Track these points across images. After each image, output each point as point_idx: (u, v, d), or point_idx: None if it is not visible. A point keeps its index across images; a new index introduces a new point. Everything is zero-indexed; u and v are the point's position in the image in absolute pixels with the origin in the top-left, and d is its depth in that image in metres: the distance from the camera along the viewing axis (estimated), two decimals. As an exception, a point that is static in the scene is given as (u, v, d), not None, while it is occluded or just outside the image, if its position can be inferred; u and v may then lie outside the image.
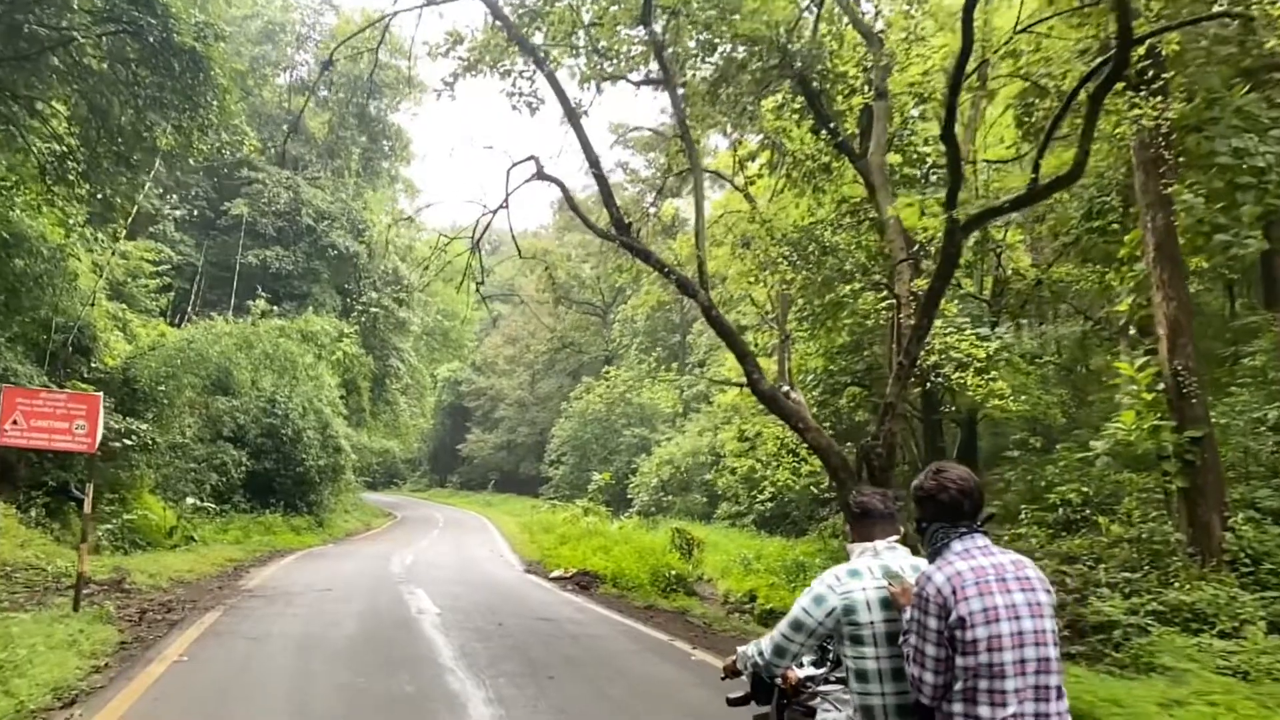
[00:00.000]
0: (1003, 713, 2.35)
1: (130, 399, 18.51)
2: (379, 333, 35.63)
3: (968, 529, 2.56)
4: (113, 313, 18.90)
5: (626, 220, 13.62)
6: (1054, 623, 2.48)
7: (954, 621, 2.40)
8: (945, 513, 2.59)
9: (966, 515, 2.57)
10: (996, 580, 2.44)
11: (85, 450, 8.72)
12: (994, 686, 2.37)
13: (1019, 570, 2.49)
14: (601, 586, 15.24)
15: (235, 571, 14.37)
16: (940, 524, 2.60)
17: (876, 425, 12.22)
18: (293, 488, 24.85)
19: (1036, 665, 2.39)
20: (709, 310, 13.23)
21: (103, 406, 8.87)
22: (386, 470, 66.89)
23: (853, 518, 3.02)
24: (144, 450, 17.15)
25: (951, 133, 10.35)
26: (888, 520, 2.92)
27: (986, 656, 2.37)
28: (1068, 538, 13.35)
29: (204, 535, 18.39)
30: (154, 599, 10.27)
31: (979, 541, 2.55)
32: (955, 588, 2.43)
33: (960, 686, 2.41)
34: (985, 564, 2.48)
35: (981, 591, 2.42)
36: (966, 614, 2.39)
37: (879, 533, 2.89)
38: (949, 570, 2.48)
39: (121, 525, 15.59)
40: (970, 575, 2.45)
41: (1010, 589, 2.44)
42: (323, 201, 33.04)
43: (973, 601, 2.40)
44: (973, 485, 2.61)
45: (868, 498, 2.99)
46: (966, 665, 2.39)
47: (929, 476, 2.65)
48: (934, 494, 2.61)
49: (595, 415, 46.68)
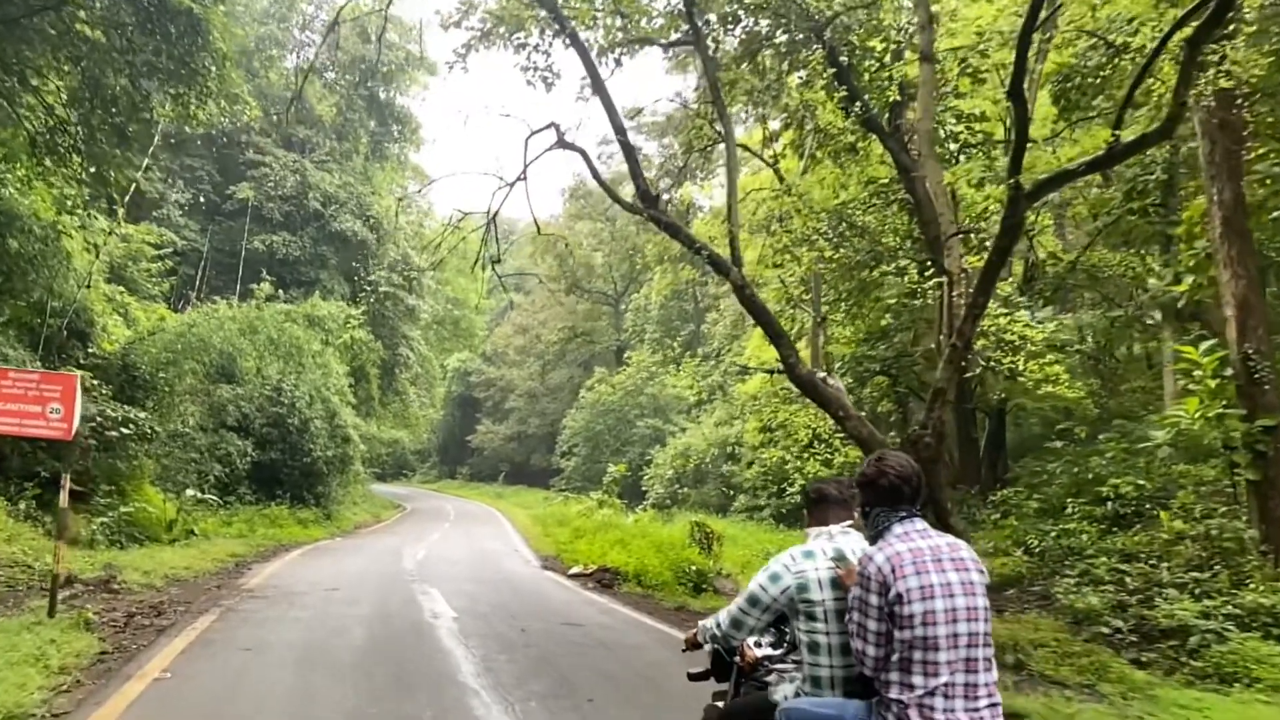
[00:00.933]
0: (935, 682, 2.54)
1: (130, 386, 17.71)
2: (388, 321, 34.79)
3: (907, 513, 2.74)
4: (110, 295, 18.04)
5: (654, 193, 12.67)
6: (986, 600, 2.64)
7: (893, 598, 2.58)
8: (885, 498, 2.76)
9: (906, 500, 2.74)
10: (933, 560, 2.62)
11: (61, 437, 7.83)
12: (928, 658, 2.55)
13: (954, 552, 2.67)
14: (624, 584, 14.34)
15: (236, 568, 13.52)
16: (881, 508, 2.77)
17: (925, 412, 11.29)
18: (299, 479, 24.03)
19: (968, 639, 2.57)
20: (742, 289, 12.34)
21: (80, 387, 7.96)
22: (396, 461, 66.28)
23: (810, 504, 3.19)
24: (143, 439, 16.31)
25: (1020, 89, 9.38)
26: (842, 506, 3.09)
27: (922, 630, 2.55)
28: (1120, 533, 12.40)
29: (206, 529, 17.57)
30: (144, 600, 9.41)
31: (918, 525, 2.72)
32: (894, 567, 2.60)
33: (898, 658, 2.59)
34: (923, 545, 2.66)
35: (918, 570, 2.60)
36: (904, 591, 2.57)
37: (833, 517, 3.08)
38: (889, 551, 2.65)
39: (118, 518, 14.75)
40: (908, 555, 2.62)
41: (945, 568, 2.62)
42: (330, 185, 32.16)
43: (910, 579, 2.58)
44: (911, 473, 2.77)
45: (824, 485, 3.20)
46: (903, 638, 2.57)
47: (870, 464, 2.84)
48: (875, 480, 2.78)
49: (608, 406, 45.90)
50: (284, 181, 30.96)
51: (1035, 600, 11.34)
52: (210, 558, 13.85)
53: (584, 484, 42.71)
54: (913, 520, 2.74)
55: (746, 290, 12.42)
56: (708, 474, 36.58)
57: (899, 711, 2.59)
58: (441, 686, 5.95)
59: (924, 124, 13.22)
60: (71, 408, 7.54)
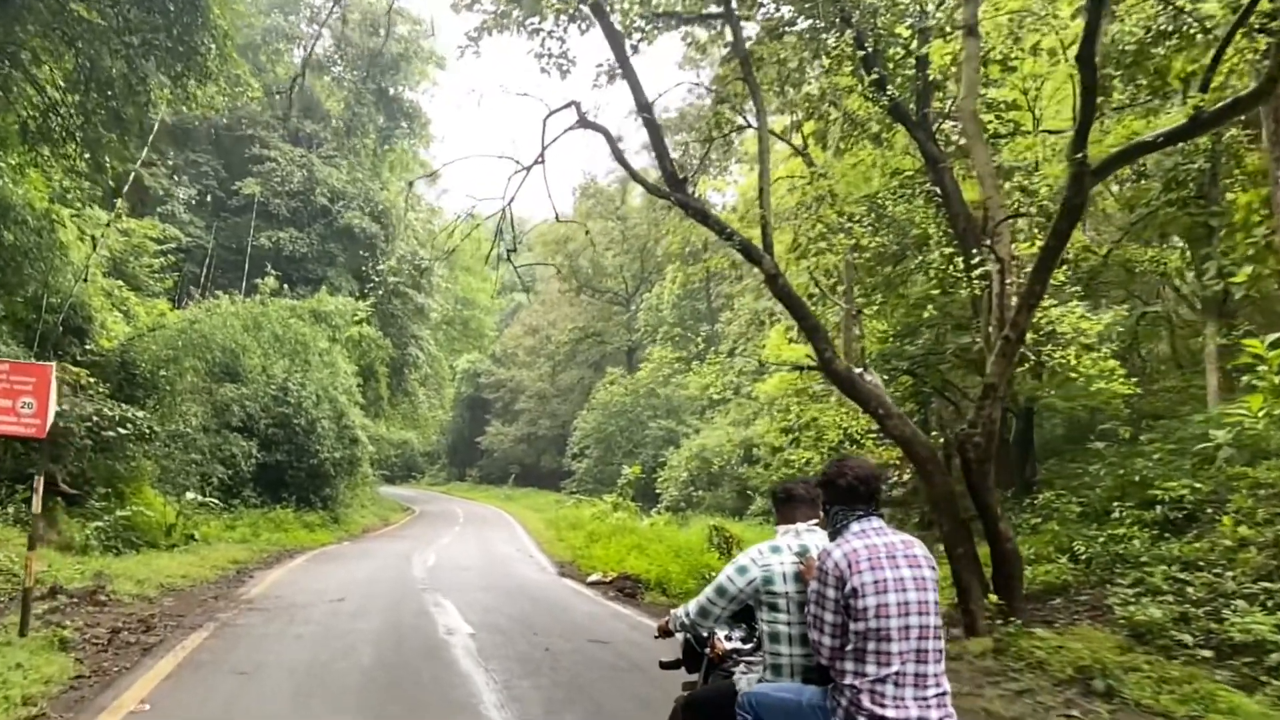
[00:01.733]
0: (887, 670, 2.71)
1: (129, 384, 17.00)
2: (397, 320, 34.10)
3: (864, 512, 2.93)
4: (109, 290, 17.31)
5: (680, 175, 11.86)
6: (936, 595, 2.82)
7: (848, 591, 2.77)
8: (843, 497, 2.95)
9: (862, 500, 2.94)
10: (887, 557, 2.81)
11: (34, 435, 7.05)
12: (881, 648, 2.73)
13: (908, 549, 2.86)
14: (647, 594, 13.52)
15: (237, 576, 12.75)
16: (840, 507, 2.96)
17: (974, 411, 10.52)
18: (306, 481, 23.29)
19: (919, 631, 2.74)
20: (775, 278, 11.54)
21: (55, 379, 7.18)
22: (405, 463, 65.64)
23: (778, 503, 3.40)
24: (141, 440, 15.57)
25: (1091, 53, 8.56)
26: (809, 505, 3.27)
27: (875, 622, 2.73)
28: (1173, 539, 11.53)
29: (208, 533, 16.83)
30: (133, 614, 8.64)
31: (874, 523, 2.92)
32: (850, 562, 2.80)
33: (852, 648, 2.77)
34: (878, 543, 2.85)
35: (873, 566, 2.78)
36: (859, 585, 2.76)
37: (800, 516, 3.27)
38: (846, 548, 2.84)
39: (115, 523, 14.01)
40: (864, 552, 2.81)
41: (899, 565, 2.80)
42: (338, 181, 31.47)
43: (865, 574, 2.77)
44: (867, 474, 2.97)
45: (792, 485, 3.40)
46: (858, 629, 2.75)
47: (831, 465, 3.06)
48: (834, 479, 2.98)
49: (620, 407, 45.11)
50: (291, 176, 30.28)
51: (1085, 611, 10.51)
52: (210, 564, 13.09)
53: (595, 486, 41.96)
54: (869, 519, 2.91)
55: (780, 280, 11.63)
56: (723, 476, 35.79)
57: (852, 696, 2.73)
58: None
59: (968, 102, 12.39)
60: (46, 402, 6.77)
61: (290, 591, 11.11)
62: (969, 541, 10.22)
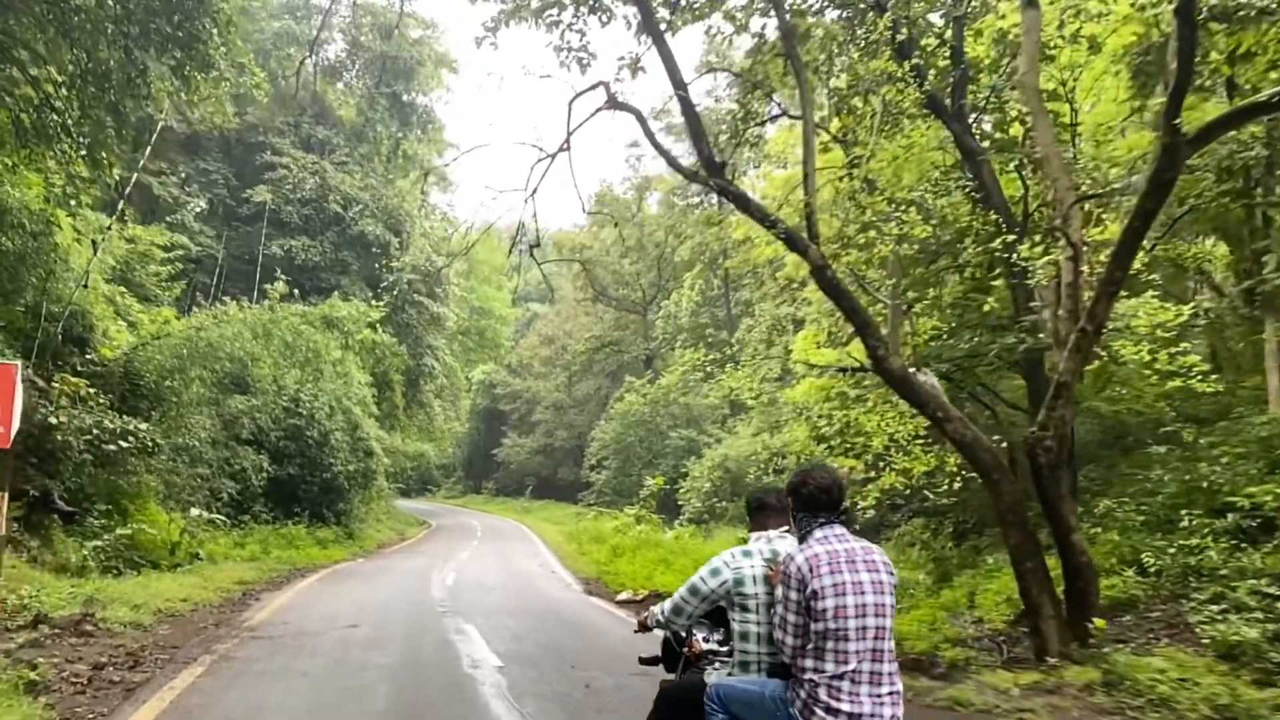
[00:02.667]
0: (845, 668, 2.89)
1: (133, 395, 16.22)
2: (412, 330, 33.31)
3: (826, 520, 3.09)
4: (111, 297, 16.52)
5: (719, 159, 10.93)
6: (893, 599, 3.01)
7: (810, 594, 2.93)
8: (806, 505, 3.12)
9: (824, 508, 3.10)
10: (846, 562, 2.98)
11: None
12: (839, 647, 2.91)
13: (867, 555, 3.04)
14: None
15: (243, 598, 11.84)
16: (804, 514, 3.13)
17: (1044, 412, 9.50)
18: (319, 496, 22.43)
19: (875, 632, 2.92)
20: (822, 269, 10.59)
21: (19, 379, 6.29)
22: (420, 477, 64.89)
23: (751, 511, 3.64)
24: (144, 453, 14.76)
25: (1190, 7, 7.60)
26: (780, 514, 3.44)
27: (834, 622, 2.91)
28: (1252, 550, 10.45)
29: (214, 551, 15.97)
30: (122, 645, 7.73)
31: (836, 530, 3.08)
32: (812, 566, 2.96)
33: (812, 646, 2.94)
34: (839, 548, 3.02)
35: (833, 570, 2.95)
36: (819, 587, 2.93)
37: (772, 524, 3.48)
38: (809, 553, 3.01)
39: (115, 542, 13.16)
40: (825, 557, 2.99)
41: (858, 569, 2.97)
42: (351, 187, 30.72)
43: (825, 578, 2.94)
44: (830, 484, 3.15)
45: (764, 495, 3.60)
46: (817, 629, 2.92)
47: (796, 475, 3.23)
48: (798, 489, 3.16)
49: (639, 417, 44.18)
50: (303, 183, 29.56)
51: (1161, 628, 9.46)
52: (215, 586, 12.19)
53: (614, 498, 41.03)
54: (831, 526, 3.09)
55: (828, 271, 10.67)
56: (747, 486, 34.76)
57: (810, 690, 2.93)
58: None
59: (1029, 77, 11.35)
60: (10, 407, 5.88)
61: (298, 617, 10.19)
62: (1038, 554, 9.28)
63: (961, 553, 19.03)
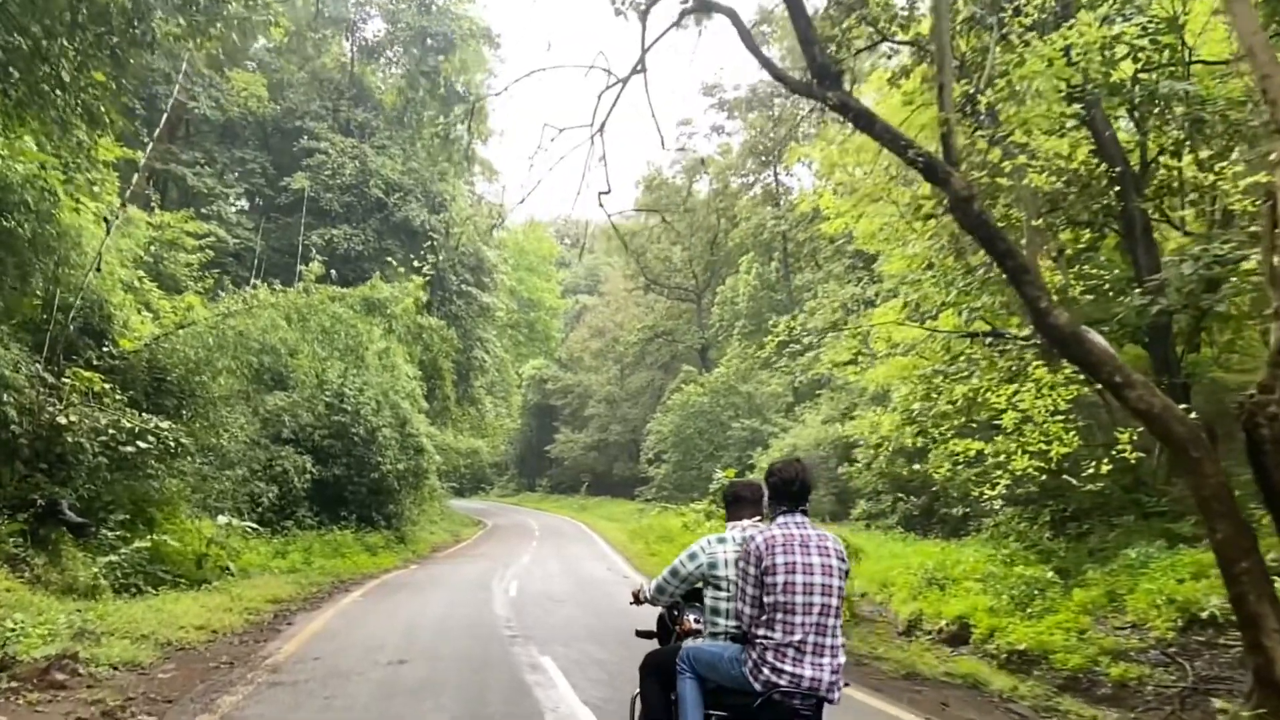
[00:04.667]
0: (792, 637, 3.32)
1: (157, 392, 14.58)
2: (462, 322, 31.60)
3: (789, 509, 3.52)
4: (129, 283, 14.89)
5: (835, 67, 8.79)
6: (841, 582, 3.41)
7: (764, 569, 3.37)
8: (775, 495, 3.58)
9: (788, 499, 3.53)
10: (800, 545, 3.39)
11: None
12: (787, 618, 3.33)
13: (821, 541, 3.46)
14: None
15: (273, 621, 10.03)
16: (773, 503, 3.61)
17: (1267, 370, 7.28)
18: (367, 497, 20.74)
19: (820, 608, 3.34)
20: (967, 202, 8.45)
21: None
22: (473, 475, 63.65)
23: (728, 503, 4.06)
24: (168, 456, 13.08)
25: None
26: (753, 505, 3.92)
27: (783, 596, 3.33)
28: None
29: (251, 563, 14.30)
30: (99, 701, 5.89)
31: (796, 518, 3.50)
32: (769, 546, 3.40)
33: (765, 616, 3.37)
34: (795, 533, 3.43)
35: (786, 551, 3.37)
36: (771, 564, 3.36)
37: (746, 514, 3.91)
38: (768, 534, 3.45)
39: (131, 556, 11.46)
40: (781, 539, 3.41)
41: (810, 553, 3.39)
42: (393, 172, 29.04)
43: (778, 556, 3.37)
44: (791, 476, 3.56)
45: (739, 488, 4.08)
46: (769, 601, 3.36)
47: (770, 468, 3.71)
48: (768, 479, 3.65)
49: (699, 408, 42.09)
50: (342, 169, 27.97)
51: None
52: (242, 606, 10.40)
53: (674, 493, 39.02)
54: (793, 515, 3.51)
55: (973, 206, 8.49)
56: (818, 477, 32.49)
57: (760, 653, 3.37)
58: None
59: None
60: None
61: (334, 648, 8.30)
62: (1254, 552, 7.14)
63: (1070, 544, 16.79)
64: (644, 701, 4.02)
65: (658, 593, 4.03)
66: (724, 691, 3.55)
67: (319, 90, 30.06)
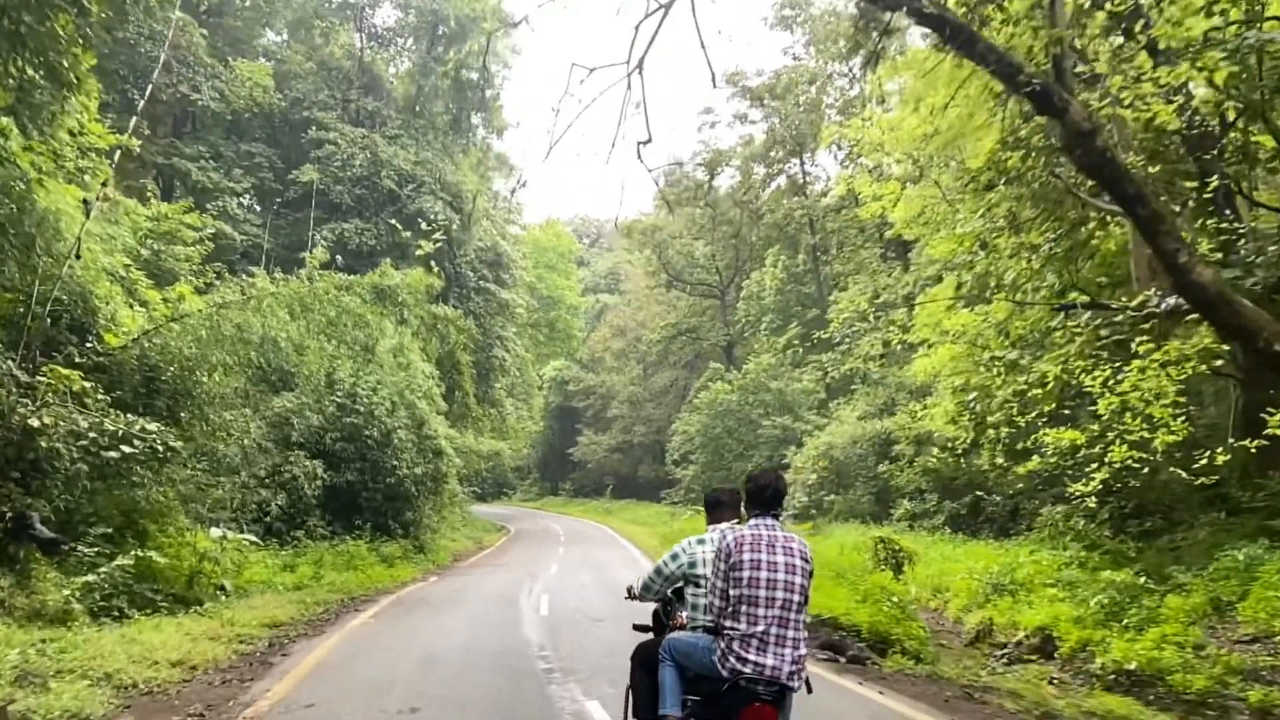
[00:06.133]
0: (756, 628, 3.66)
1: (148, 392, 13.23)
2: (481, 319, 30.22)
3: (761, 512, 3.86)
4: (113, 272, 13.54)
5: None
6: (803, 580, 3.74)
7: (732, 565, 3.73)
8: (750, 500, 3.93)
9: (759, 503, 3.88)
10: (767, 545, 3.73)
11: None
12: (751, 610, 3.67)
13: (787, 543, 3.79)
14: (887, 658, 8.87)
15: (266, 652, 8.57)
16: (749, 507, 3.94)
17: None
18: (383, 504, 19.32)
19: (782, 602, 3.67)
20: (1088, 136, 6.96)
21: None
22: (495, 480, 62.34)
23: (709, 507, 4.56)
24: (156, 462, 11.70)
25: None
26: (732, 509, 4.41)
27: (748, 590, 3.68)
28: None
29: (254, 579, 12.90)
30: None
31: (768, 521, 3.84)
32: (738, 544, 3.75)
33: (732, 609, 3.72)
34: (764, 534, 3.77)
35: (753, 549, 3.72)
36: (738, 560, 3.71)
37: (726, 517, 4.39)
38: (738, 534, 3.81)
39: (112, 575, 10.06)
40: (750, 538, 3.76)
41: (776, 552, 3.73)
42: (405, 162, 27.69)
43: (745, 553, 3.72)
44: (766, 483, 3.94)
45: (719, 494, 4.57)
46: (735, 594, 3.71)
47: (748, 475, 4.11)
48: (746, 486, 4.02)
49: (727, 406, 40.48)
50: (353, 160, 26.66)
51: None
52: (233, 633, 8.96)
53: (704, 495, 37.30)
54: (765, 518, 3.84)
55: (1096, 140, 6.93)
56: (856, 476, 30.89)
57: (728, 642, 3.70)
58: None
59: None
60: None
61: (333, 689, 6.82)
62: None
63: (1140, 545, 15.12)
64: (633, 689, 4.41)
65: (645, 590, 4.46)
66: (700, 679, 3.88)
67: (327, 80, 28.77)
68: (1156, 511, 12.47)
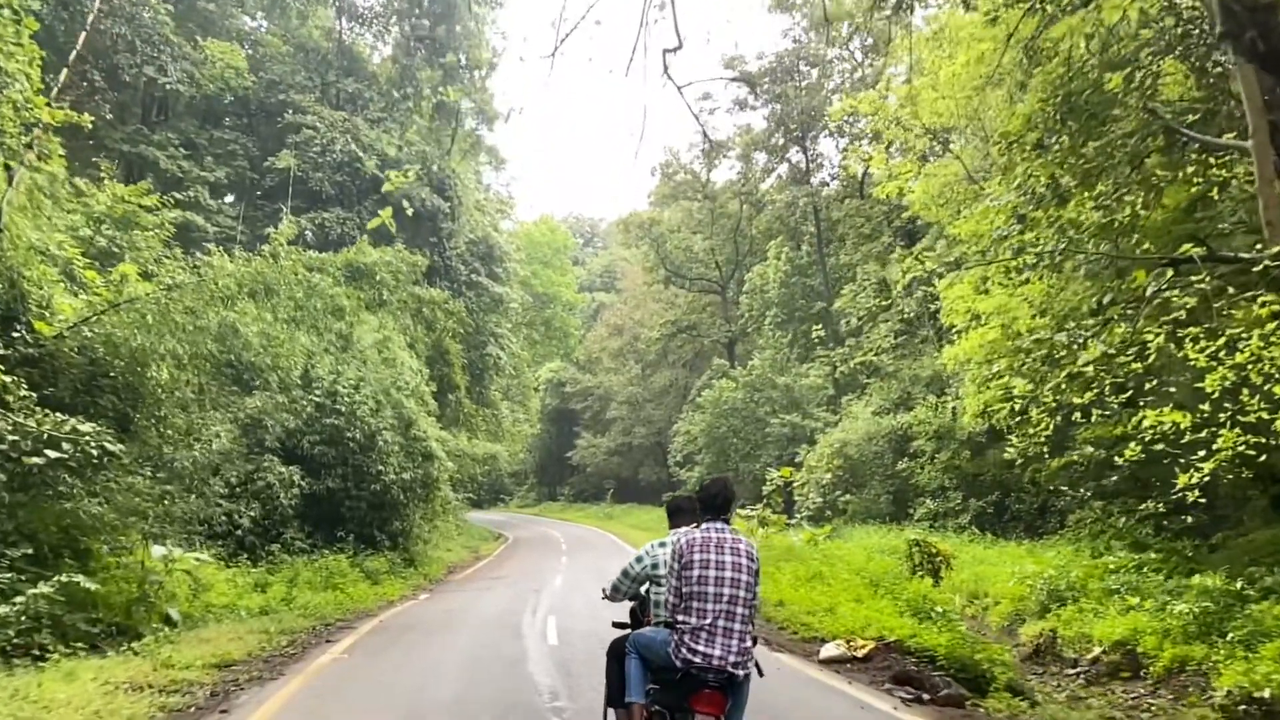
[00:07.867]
0: (704, 621, 4.00)
1: (88, 389, 11.46)
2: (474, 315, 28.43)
3: (712, 517, 4.23)
4: (44, 249, 11.73)
5: None
6: (749, 578, 4.09)
7: (684, 564, 4.10)
8: (703, 506, 4.31)
9: (710, 508, 4.26)
10: (715, 546, 4.10)
11: None
12: (700, 605, 4.03)
13: (735, 544, 4.14)
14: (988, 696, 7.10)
15: (203, 708, 6.73)
16: (702, 512, 4.31)
17: None
18: (368, 513, 17.52)
19: (728, 598, 4.02)
20: (1263, 13, 5.12)
21: None
22: (491, 486, 60.45)
23: (670, 514, 4.87)
24: (89, 468, 9.92)
25: None
26: (691, 514, 4.70)
27: (696, 586, 4.04)
28: None
29: (216, 602, 11.13)
30: None
31: (717, 525, 4.20)
32: (689, 545, 4.13)
33: (683, 605, 4.07)
34: (713, 536, 4.14)
35: (703, 550, 4.09)
36: (689, 560, 4.09)
37: (684, 523, 4.72)
38: (690, 536, 4.20)
39: (31, 605, 8.27)
40: (699, 540, 4.13)
41: (723, 552, 4.09)
42: (389, 146, 25.90)
43: (695, 553, 4.09)
44: (716, 491, 4.31)
45: (679, 501, 4.94)
46: (685, 591, 4.08)
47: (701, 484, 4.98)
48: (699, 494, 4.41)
49: (732, 404, 38.75)
50: (332, 145, 24.87)
51: None
52: (165, 680, 7.13)
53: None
54: (715, 522, 4.21)
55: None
56: (872, 474, 29.22)
57: (680, 635, 4.07)
58: None
59: None
60: None
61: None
62: None
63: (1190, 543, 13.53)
64: (607, 680, 4.79)
65: (614, 591, 4.93)
66: (661, 669, 4.26)
67: (305, 62, 26.97)
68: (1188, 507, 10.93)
